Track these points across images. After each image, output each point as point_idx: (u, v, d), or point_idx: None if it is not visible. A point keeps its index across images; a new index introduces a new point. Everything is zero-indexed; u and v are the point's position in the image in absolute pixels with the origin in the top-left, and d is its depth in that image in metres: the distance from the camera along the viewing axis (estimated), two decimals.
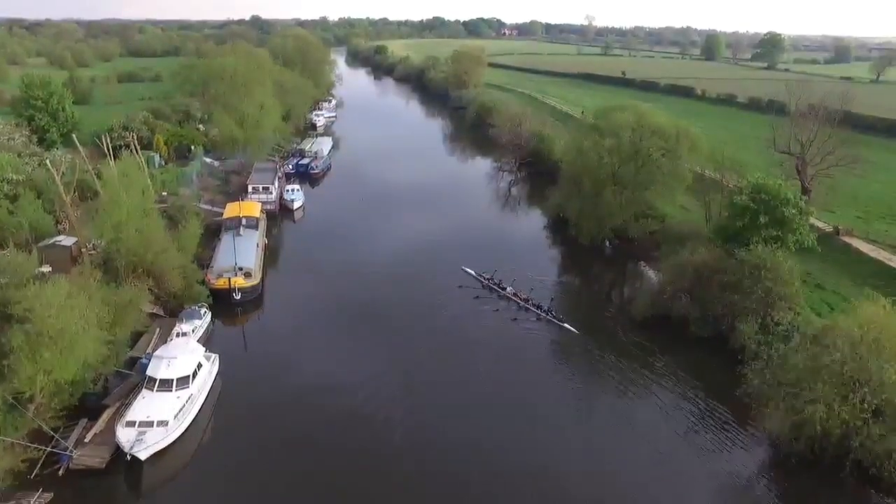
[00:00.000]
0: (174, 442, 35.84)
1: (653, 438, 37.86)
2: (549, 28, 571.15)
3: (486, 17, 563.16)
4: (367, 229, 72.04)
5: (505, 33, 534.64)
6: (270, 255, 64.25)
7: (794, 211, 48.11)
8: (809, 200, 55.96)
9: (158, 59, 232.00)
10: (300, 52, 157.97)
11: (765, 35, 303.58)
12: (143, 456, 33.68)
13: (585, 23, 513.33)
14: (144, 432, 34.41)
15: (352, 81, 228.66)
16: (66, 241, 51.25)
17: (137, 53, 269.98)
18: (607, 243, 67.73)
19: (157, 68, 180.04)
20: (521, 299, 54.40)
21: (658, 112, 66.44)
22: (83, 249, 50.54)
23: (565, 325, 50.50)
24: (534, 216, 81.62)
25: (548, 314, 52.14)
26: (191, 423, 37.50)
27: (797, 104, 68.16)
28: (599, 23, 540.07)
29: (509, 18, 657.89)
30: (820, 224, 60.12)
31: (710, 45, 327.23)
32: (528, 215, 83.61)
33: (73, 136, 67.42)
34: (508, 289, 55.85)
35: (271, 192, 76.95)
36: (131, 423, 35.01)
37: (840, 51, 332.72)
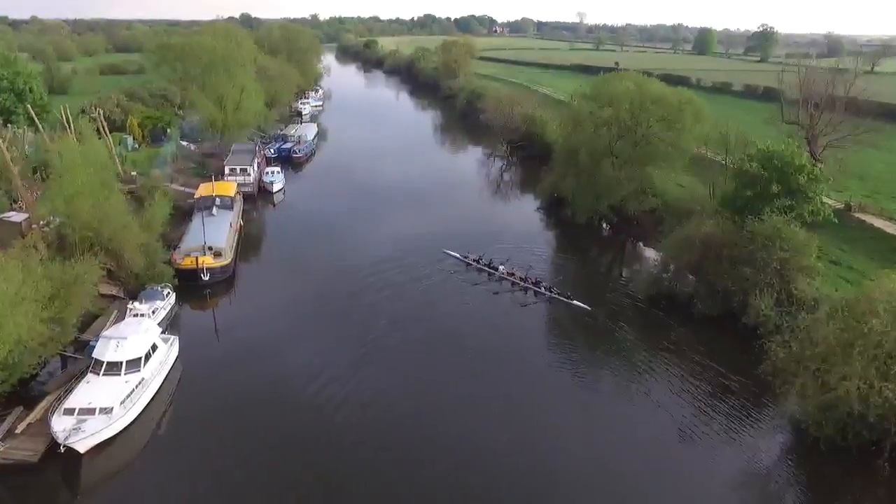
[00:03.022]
0: (121, 432, 31.50)
1: (665, 422, 33.87)
2: (540, 25, 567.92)
3: (477, 14, 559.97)
4: (351, 215, 67.53)
5: (496, 30, 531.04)
6: (246, 238, 59.96)
7: (808, 179, 44.17)
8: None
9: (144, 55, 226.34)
10: (286, 40, 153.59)
11: (758, 28, 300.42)
12: (81, 448, 29.38)
13: (577, 20, 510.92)
14: (84, 420, 30.08)
15: (341, 75, 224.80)
16: (16, 217, 47.04)
17: (124, 49, 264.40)
18: (604, 224, 63.71)
19: (141, 61, 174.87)
20: (518, 279, 50.35)
21: (658, 81, 62.34)
22: (34, 226, 46.19)
23: (574, 301, 46.56)
24: (527, 199, 77.40)
25: (550, 291, 48.38)
26: (142, 412, 33.18)
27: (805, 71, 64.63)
28: (591, 20, 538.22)
29: (501, 16, 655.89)
30: (830, 201, 56.49)
31: (702, 40, 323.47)
32: (520, 199, 79.45)
33: (31, 111, 62.78)
34: (501, 268, 51.75)
35: (249, 174, 72.84)
36: (69, 411, 30.67)
37: (832, 46, 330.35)
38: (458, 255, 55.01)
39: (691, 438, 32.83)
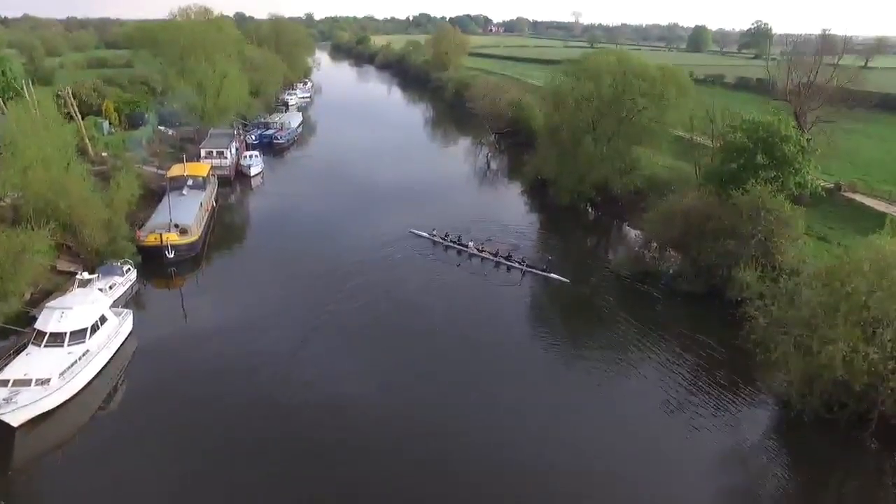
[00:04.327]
0: (60, 406, 29.54)
1: (647, 398, 32.02)
2: (535, 25, 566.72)
3: (473, 13, 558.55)
4: (329, 201, 65.23)
5: (492, 29, 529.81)
6: (218, 219, 58.13)
7: (795, 149, 42.42)
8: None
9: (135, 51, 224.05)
10: (274, 31, 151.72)
11: (752, 24, 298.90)
12: (12, 420, 27.36)
13: (572, 20, 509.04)
14: (17, 392, 28.05)
15: (333, 70, 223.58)
16: None
17: (115, 46, 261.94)
18: (589, 207, 61.80)
19: (129, 56, 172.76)
20: (490, 254, 48.58)
21: (641, 56, 60.60)
22: None
23: (551, 274, 44.86)
24: (512, 185, 75.59)
25: (523, 265, 46.88)
26: (86, 386, 31.22)
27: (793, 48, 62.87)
28: (586, 20, 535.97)
29: (496, 16, 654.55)
30: (821, 182, 54.75)
31: (697, 38, 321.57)
32: (506, 184, 77.41)
33: None
34: (471, 244, 49.99)
35: (226, 157, 70.99)
36: (3, 382, 28.63)
37: (827, 44, 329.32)
38: (425, 234, 53.11)
39: (674, 414, 30.90)
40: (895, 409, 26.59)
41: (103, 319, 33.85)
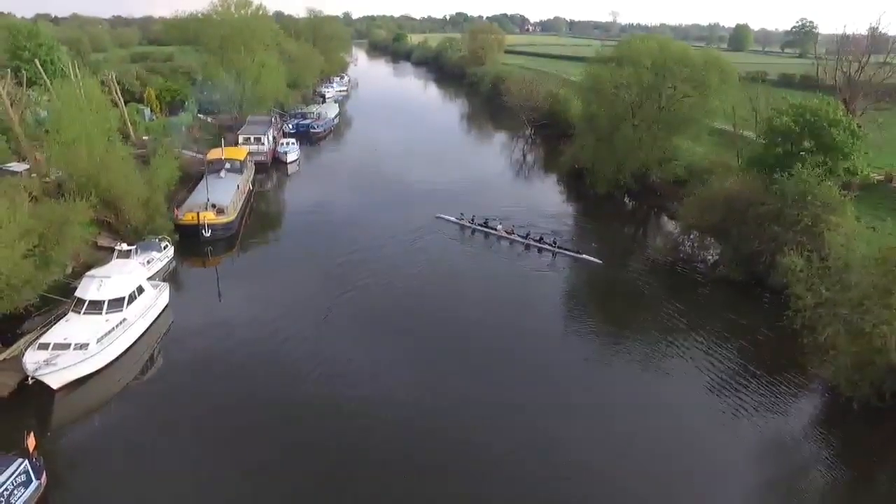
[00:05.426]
0: (98, 372, 29.94)
1: (687, 385, 31.10)
2: (573, 24, 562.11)
3: (510, 13, 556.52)
4: (364, 189, 64.93)
5: (528, 28, 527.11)
6: (255, 203, 58.69)
7: (844, 134, 40.96)
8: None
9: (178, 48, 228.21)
10: (311, 26, 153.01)
11: (797, 23, 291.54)
12: (52, 382, 27.81)
13: (610, 19, 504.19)
14: (58, 355, 28.44)
15: (370, 66, 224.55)
16: (17, 167, 46.16)
17: (157, 43, 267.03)
18: (626, 196, 60.73)
19: (171, 51, 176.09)
20: (519, 237, 48.17)
21: (682, 42, 59.34)
22: (33, 175, 45.25)
23: (583, 255, 44.14)
24: (548, 175, 74.77)
25: (554, 246, 46.45)
26: (122, 354, 31.60)
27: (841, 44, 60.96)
28: (623, 20, 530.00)
29: (534, 15, 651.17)
30: (872, 174, 52.91)
31: (738, 36, 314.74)
32: (542, 175, 76.62)
33: (38, 65, 62.15)
34: (499, 227, 49.57)
35: (263, 144, 71.68)
36: (44, 346, 29.05)
37: (877, 42, 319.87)
38: (452, 219, 52.85)
39: (716, 400, 29.85)
40: None
41: (140, 290, 34.22)
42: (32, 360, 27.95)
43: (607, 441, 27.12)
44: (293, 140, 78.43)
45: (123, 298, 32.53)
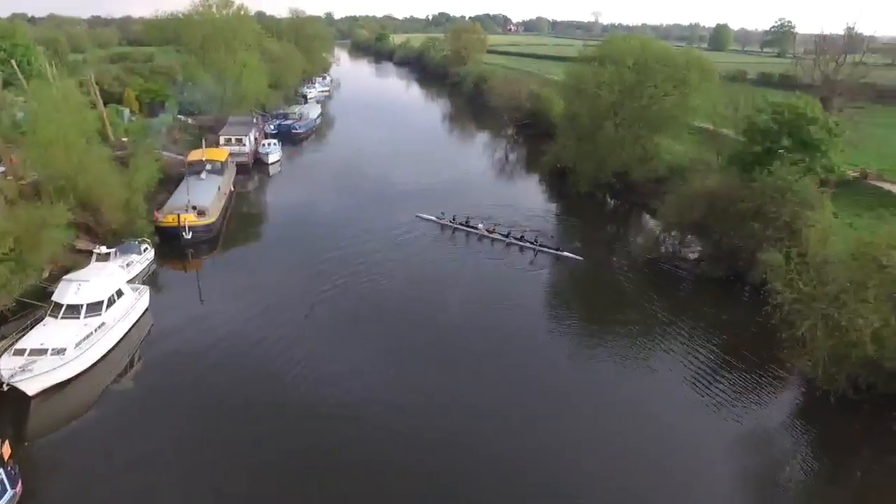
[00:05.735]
0: (76, 377, 29.56)
1: (668, 381, 31.44)
2: (555, 24, 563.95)
3: (492, 13, 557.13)
4: (346, 190, 64.59)
5: (511, 28, 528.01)
6: (236, 204, 58.20)
7: (822, 132, 41.46)
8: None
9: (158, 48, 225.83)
10: (293, 26, 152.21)
11: (775, 23, 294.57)
12: (29, 389, 27.41)
13: (592, 19, 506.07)
14: (34, 361, 28.00)
15: (352, 66, 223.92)
16: None
17: (137, 43, 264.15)
18: (608, 195, 61.01)
19: (151, 51, 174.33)
20: (501, 235, 48.26)
21: (664, 42, 59.81)
22: (9, 178, 44.54)
23: (565, 253, 44.37)
24: (530, 174, 74.97)
25: (535, 244, 46.70)
26: (101, 358, 31.24)
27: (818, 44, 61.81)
28: (605, 20, 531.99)
29: (516, 15, 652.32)
30: (848, 171, 53.69)
31: (718, 36, 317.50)
32: (524, 174, 76.72)
33: (15, 66, 61.28)
34: (480, 226, 49.62)
35: (245, 145, 71.20)
36: (20, 352, 28.64)
37: (853, 42, 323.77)
38: (433, 219, 52.75)
39: (696, 394, 30.36)
40: None
41: (120, 294, 33.86)
42: (8, 366, 27.50)
43: (591, 436, 27.34)
44: (275, 141, 78.09)
45: (102, 302, 32.16)
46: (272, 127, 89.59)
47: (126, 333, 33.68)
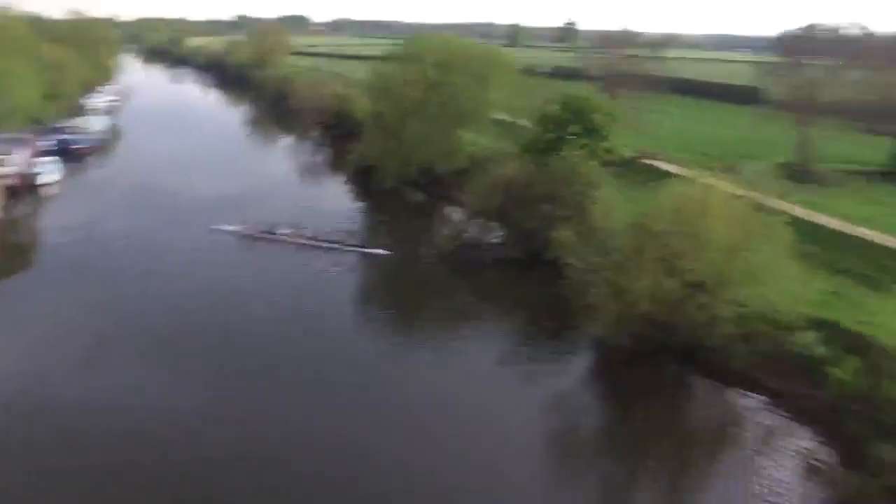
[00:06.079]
0: None
1: (477, 364, 32.59)
2: (359, 24, 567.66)
3: (294, 14, 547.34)
4: (139, 207, 59.03)
5: (314, 29, 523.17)
6: (2, 237, 51.07)
7: (604, 118, 45.71)
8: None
9: None
10: (74, 28, 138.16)
11: (563, 25, 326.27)
12: None
13: (394, 19, 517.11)
14: None
15: (146, 73, 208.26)
16: None
17: None
18: (415, 191, 62.54)
19: None
20: (305, 239, 47.64)
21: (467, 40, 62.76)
22: None
23: (370, 250, 44.83)
24: (336, 175, 74.68)
25: (340, 244, 46.70)
26: None
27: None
28: (409, 19, 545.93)
29: (318, 16, 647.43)
30: (627, 152, 59.66)
31: (512, 34, 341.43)
32: (330, 175, 76.40)
33: None
34: (280, 232, 48.49)
35: (12, 165, 62.58)
36: None
37: (629, 39, 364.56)
38: (231, 229, 50.39)
39: (504, 371, 32.02)
40: (690, 335, 29.11)
41: None
42: None
43: (405, 428, 27.46)
44: (53, 159, 69.62)
45: None
46: (52, 142, 79.87)
47: None
